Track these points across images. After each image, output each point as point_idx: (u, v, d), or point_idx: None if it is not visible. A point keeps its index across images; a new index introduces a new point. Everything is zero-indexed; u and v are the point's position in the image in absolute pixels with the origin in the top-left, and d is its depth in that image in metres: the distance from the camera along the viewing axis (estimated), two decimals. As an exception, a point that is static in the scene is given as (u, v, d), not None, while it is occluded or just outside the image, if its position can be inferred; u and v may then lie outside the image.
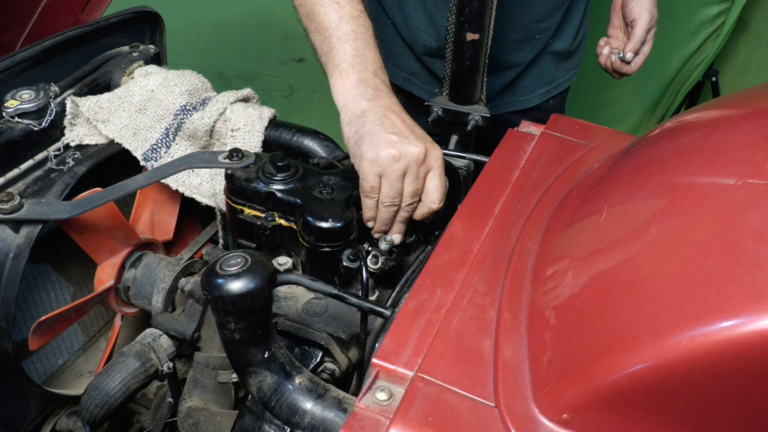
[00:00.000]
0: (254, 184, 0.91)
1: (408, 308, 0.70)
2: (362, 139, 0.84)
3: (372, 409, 0.62)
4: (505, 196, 0.87)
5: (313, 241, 0.86)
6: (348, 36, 0.92)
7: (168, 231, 1.16)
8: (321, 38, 0.94)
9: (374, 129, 0.84)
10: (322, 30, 0.94)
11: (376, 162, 0.83)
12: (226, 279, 0.65)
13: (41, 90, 1.04)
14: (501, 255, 0.77)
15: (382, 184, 0.84)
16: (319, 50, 0.95)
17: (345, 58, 0.91)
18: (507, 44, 1.32)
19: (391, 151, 0.82)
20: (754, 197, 0.58)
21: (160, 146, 1.08)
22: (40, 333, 0.97)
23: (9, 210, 0.91)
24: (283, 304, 0.89)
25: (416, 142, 0.83)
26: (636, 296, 0.58)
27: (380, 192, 0.84)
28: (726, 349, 0.50)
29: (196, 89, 1.14)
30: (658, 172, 0.72)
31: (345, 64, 0.90)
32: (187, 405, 0.96)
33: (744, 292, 0.51)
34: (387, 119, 0.85)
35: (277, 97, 2.49)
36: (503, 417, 0.60)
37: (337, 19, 0.93)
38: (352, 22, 0.92)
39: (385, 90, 0.90)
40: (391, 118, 0.86)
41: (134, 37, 1.25)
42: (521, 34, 1.32)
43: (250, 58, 2.44)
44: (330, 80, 0.92)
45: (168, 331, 0.97)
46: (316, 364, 0.84)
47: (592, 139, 0.98)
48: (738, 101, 0.77)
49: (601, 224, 0.69)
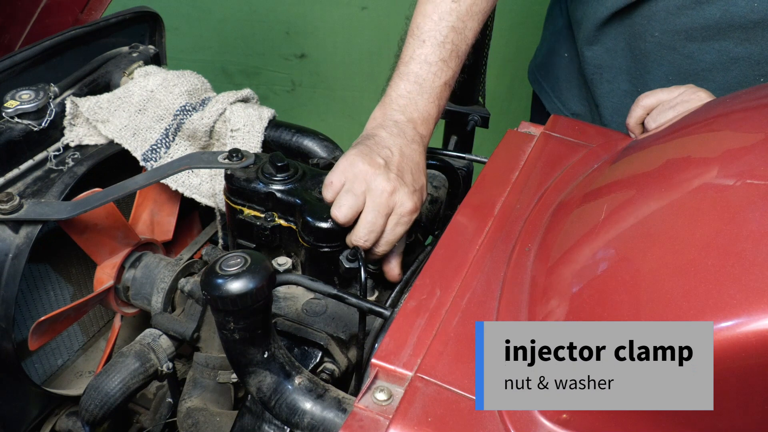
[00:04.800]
0: (254, 184, 0.91)
1: (407, 308, 0.70)
2: (357, 146, 0.85)
3: (371, 409, 0.62)
4: (504, 196, 0.87)
5: (312, 241, 0.86)
6: (409, 76, 0.91)
7: (168, 231, 1.16)
8: (398, 60, 0.95)
9: (372, 146, 0.85)
10: (401, 54, 0.94)
11: (347, 168, 0.83)
12: (225, 279, 0.65)
13: (41, 90, 1.04)
14: (500, 255, 0.77)
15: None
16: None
17: (394, 93, 0.91)
18: None
19: (366, 168, 0.82)
20: (754, 197, 0.58)
21: (160, 146, 1.08)
22: (40, 333, 0.97)
23: (9, 210, 0.91)
24: (283, 304, 0.89)
25: (393, 180, 0.82)
26: (636, 296, 0.58)
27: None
28: (725, 349, 0.50)
29: (195, 90, 1.14)
30: (657, 172, 0.72)
31: (389, 98, 0.91)
32: (187, 405, 0.96)
33: (744, 292, 0.51)
34: (392, 150, 0.85)
35: (279, 91, 2.50)
36: (503, 417, 0.60)
37: (410, 55, 0.92)
38: (422, 65, 0.91)
39: (410, 136, 0.88)
40: (396, 152, 0.85)
41: (134, 38, 1.25)
42: None
43: (252, 54, 2.45)
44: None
45: (168, 332, 0.97)
46: (316, 364, 0.84)
47: (591, 140, 0.98)
48: (738, 101, 0.77)
49: (600, 224, 0.69)
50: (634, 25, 1.12)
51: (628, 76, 1.19)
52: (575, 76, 1.30)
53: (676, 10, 1.06)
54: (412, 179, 0.85)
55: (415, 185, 0.85)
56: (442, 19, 0.92)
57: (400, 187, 0.83)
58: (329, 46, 2.42)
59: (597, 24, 1.16)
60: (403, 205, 0.83)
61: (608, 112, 1.23)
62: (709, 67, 1.09)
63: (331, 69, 2.47)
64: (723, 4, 1.03)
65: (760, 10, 1.00)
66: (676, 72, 1.11)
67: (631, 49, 1.15)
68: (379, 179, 0.82)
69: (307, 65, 2.46)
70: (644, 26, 1.11)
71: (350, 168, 0.84)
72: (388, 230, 0.84)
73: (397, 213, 0.83)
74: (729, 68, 1.08)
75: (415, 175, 0.86)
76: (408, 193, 0.83)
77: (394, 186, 0.82)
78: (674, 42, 1.09)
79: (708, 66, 1.09)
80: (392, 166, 0.84)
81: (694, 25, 1.06)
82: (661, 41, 1.10)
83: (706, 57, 1.09)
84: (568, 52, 1.31)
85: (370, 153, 0.84)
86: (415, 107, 0.90)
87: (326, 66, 2.47)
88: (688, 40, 1.08)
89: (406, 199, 0.83)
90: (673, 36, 1.09)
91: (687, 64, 1.10)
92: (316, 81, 2.49)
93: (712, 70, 1.09)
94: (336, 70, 2.47)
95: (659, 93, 0.93)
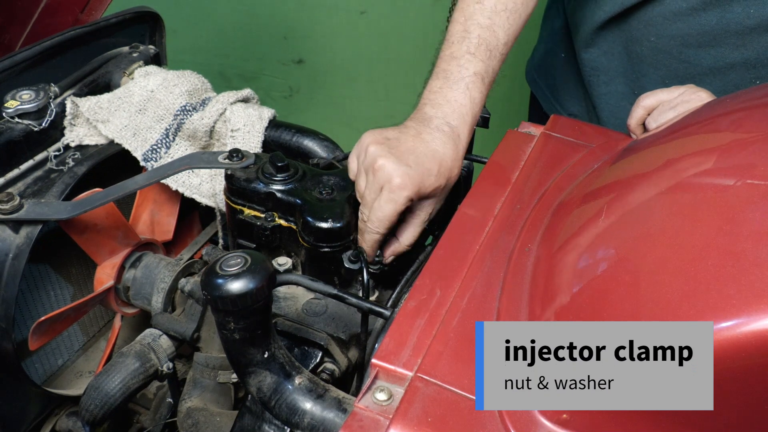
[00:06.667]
0: (254, 184, 0.91)
1: (408, 308, 0.70)
2: (393, 134, 0.84)
3: (371, 410, 0.62)
4: (504, 196, 0.87)
5: (312, 241, 0.86)
6: (438, 74, 0.91)
7: (168, 231, 1.16)
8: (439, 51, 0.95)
9: (389, 128, 0.84)
10: (442, 47, 0.94)
11: (357, 145, 0.84)
12: (225, 279, 0.65)
13: (41, 90, 1.04)
14: (500, 255, 0.77)
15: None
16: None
17: (426, 91, 0.91)
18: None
19: (369, 140, 0.82)
20: (754, 197, 0.58)
21: (160, 147, 1.08)
22: (40, 333, 0.97)
23: (9, 210, 0.91)
24: (283, 304, 0.89)
25: (387, 153, 0.81)
26: (636, 297, 0.58)
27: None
28: (725, 349, 0.50)
29: (195, 90, 1.14)
30: (658, 172, 0.72)
31: (422, 97, 0.91)
32: (187, 405, 0.96)
33: (744, 292, 0.51)
34: (407, 132, 0.85)
35: (277, 97, 2.50)
36: (503, 417, 0.60)
37: (440, 56, 0.92)
38: (450, 61, 0.91)
39: (436, 124, 0.86)
40: (411, 134, 0.84)
41: (134, 38, 1.25)
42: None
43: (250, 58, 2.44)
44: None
45: (168, 332, 0.97)
46: (316, 365, 0.84)
47: (591, 140, 0.98)
48: (738, 101, 0.77)
49: (600, 225, 0.69)
50: (631, 30, 1.12)
51: (625, 78, 1.19)
52: (572, 77, 1.30)
53: (673, 16, 1.06)
54: (416, 161, 0.82)
55: (418, 167, 0.82)
56: (467, 19, 0.93)
57: (391, 161, 0.80)
58: (328, 52, 2.40)
59: (594, 27, 1.16)
60: (391, 179, 0.80)
61: (605, 114, 1.23)
62: (706, 71, 1.09)
63: (330, 74, 2.46)
64: (719, 11, 1.03)
65: (756, 16, 1.01)
66: (673, 76, 1.11)
67: (628, 52, 1.15)
68: (372, 147, 0.81)
69: (305, 71, 2.45)
70: (641, 31, 1.11)
71: (358, 145, 0.85)
72: (376, 206, 0.82)
73: (385, 188, 0.81)
74: (725, 73, 1.08)
75: (423, 158, 0.83)
76: (399, 168, 0.80)
77: (387, 159, 0.80)
78: (671, 47, 1.09)
79: (704, 71, 1.09)
80: (396, 144, 0.82)
81: (691, 31, 1.06)
82: (658, 46, 1.10)
83: (702, 62, 1.09)
84: (565, 53, 1.31)
85: (382, 131, 0.84)
86: (445, 99, 0.89)
87: (325, 71, 2.46)
88: (685, 46, 1.08)
89: (395, 174, 0.80)
90: (670, 41, 1.09)
91: (683, 68, 1.11)
92: (314, 86, 2.49)
93: (709, 75, 1.09)
94: (334, 75, 2.46)
95: (660, 93, 0.93)
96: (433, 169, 0.83)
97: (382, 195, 0.81)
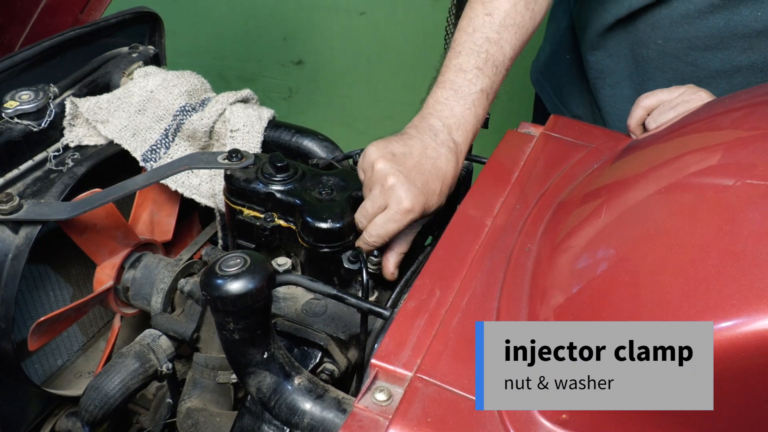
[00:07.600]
0: (253, 184, 0.91)
1: (407, 309, 0.70)
2: (399, 148, 0.84)
3: (371, 410, 0.62)
4: (504, 196, 0.87)
5: (312, 241, 0.86)
6: (445, 84, 0.91)
7: (167, 231, 1.16)
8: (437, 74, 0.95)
9: (393, 138, 0.84)
10: (448, 55, 0.94)
11: (361, 160, 0.84)
12: (225, 279, 0.64)
13: (40, 91, 1.04)
14: (500, 255, 0.77)
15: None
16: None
17: (431, 99, 0.91)
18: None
19: (374, 157, 0.82)
20: (754, 197, 0.58)
21: (160, 147, 1.08)
22: (40, 333, 0.97)
23: (8, 210, 0.91)
24: (283, 304, 0.89)
25: (395, 173, 0.81)
26: (636, 297, 0.58)
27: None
28: (725, 349, 0.50)
29: (195, 90, 1.14)
30: (657, 172, 0.72)
31: (427, 105, 0.91)
32: (187, 405, 0.96)
33: (744, 292, 0.51)
34: (413, 146, 0.84)
35: (276, 98, 2.50)
36: (502, 417, 0.60)
37: (446, 65, 0.92)
38: (458, 73, 0.91)
39: (441, 139, 0.87)
40: (417, 149, 0.84)
41: (134, 38, 1.25)
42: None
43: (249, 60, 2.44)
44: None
45: (167, 332, 0.97)
46: (316, 365, 0.84)
47: (591, 140, 0.98)
48: (738, 100, 0.77)
49: (600, 225, 0.69)
50: (638, 33, 1.12)
51: (631, 81, 1.18)
52: (578, 79, 1.30)
53: (680, 19, 1.06)
54: (423, 180, 0.82)
55: (425, 188, 0.83)
56: (476, 30, 0.92)
57: (402, 182, 0.80)
58: (327, 53, 2.40)
59: (600, 30, 1.16)
60: (400, 202, 0.81)
61: (611, 117, 1.23)
62: (713, 74, 1.09)
63: (329, 75, 2.46)
64: (727, 14, 1.02)
65: (763, 19, 1.00)
66: (680, 79, 1.10)
67: (634, 55, 1.15)
68: (381, 164, 0.81)
69: (304, 72, 2.45)
70: (648, 34, 1.11)
71: (363, 159, 0.85)
72: (379, 223, 0.82)
73: (392, 208, 0.81)
74: (732, 76, 1.08)
75: (430, 178, 0.83)
76: (410, 191, 0.81)
77: (397, 178, 0.80)
78: (677, 50, 1.09)
79: (711, 74, 1.09)
80: (403, 160, 0.82)
81: (698, 34, 1.06)
82: (665, 49, 1.10)
83: (709, 65, 1.08)
84: (570, 55, 1.30)
85: (387, 144, 0.84)
86: (451, 112, 0.89)
87: (324, 72, 2.46)
88: (692, 49, 1.08)
89: (404, 196, 0.80)
90: (677, 44, 1.09)
91: (690, 71, 1.10)
92: (313, 87, 2.49)
93: (716, 78, 1.09)
94: (334, 76, 2.46)
95: (660, 93, 0.92)
96: (437, 188, 0.85)
97: (387, 213, 0.82)
